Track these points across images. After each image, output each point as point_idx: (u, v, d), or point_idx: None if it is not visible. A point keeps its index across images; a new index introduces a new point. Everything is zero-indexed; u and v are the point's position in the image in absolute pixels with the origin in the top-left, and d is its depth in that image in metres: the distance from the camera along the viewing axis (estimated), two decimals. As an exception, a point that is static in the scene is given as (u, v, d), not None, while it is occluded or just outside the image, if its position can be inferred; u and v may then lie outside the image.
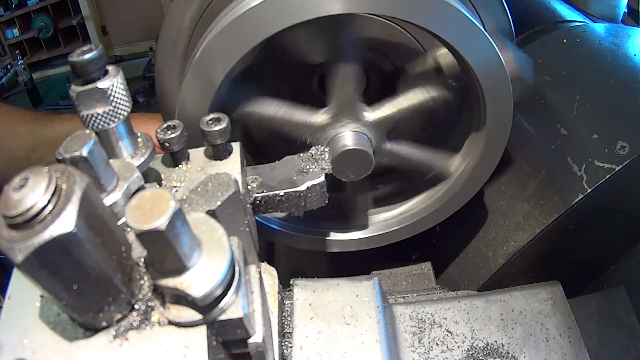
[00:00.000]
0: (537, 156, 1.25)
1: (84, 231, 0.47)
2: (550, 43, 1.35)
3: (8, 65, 5.91)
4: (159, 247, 0.48)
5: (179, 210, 0.48)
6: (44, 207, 0.45)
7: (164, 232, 0.46)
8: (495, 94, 1.03)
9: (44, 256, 0.45)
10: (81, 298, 0.51)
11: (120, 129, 0.69)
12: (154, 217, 0.46)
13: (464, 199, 1.22)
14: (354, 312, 0.85)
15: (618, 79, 1.21)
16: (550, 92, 1.27)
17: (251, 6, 0.89)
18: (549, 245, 1.22)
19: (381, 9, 0.93)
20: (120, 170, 0.65)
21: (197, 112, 0.97)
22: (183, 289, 0.51)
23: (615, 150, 1.10)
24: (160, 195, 0.48)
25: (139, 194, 0.49)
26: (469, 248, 1.37)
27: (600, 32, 1.35)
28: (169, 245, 0.48)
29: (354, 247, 1.30)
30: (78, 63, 0.63)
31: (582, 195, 1.11)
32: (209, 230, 0.56)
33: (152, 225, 0.46)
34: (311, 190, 0.90)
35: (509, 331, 1.01)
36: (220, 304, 0.55)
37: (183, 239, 0.50)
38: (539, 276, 1.23)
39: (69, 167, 0.50)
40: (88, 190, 0.48)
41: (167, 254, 0.50)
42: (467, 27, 0.94)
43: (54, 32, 5.93)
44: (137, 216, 0.47)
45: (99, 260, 0.49)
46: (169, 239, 0.47)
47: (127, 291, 0.55)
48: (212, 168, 0.79)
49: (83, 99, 0.65)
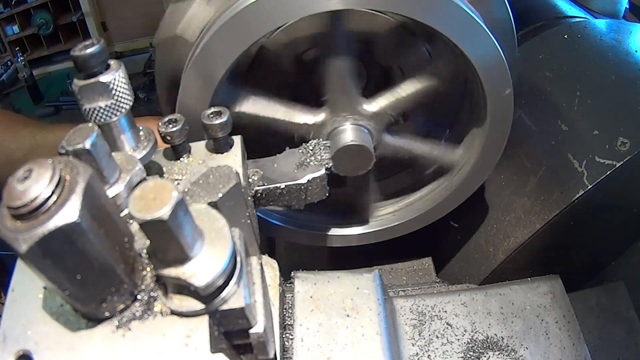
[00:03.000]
0: (538, 152, 1.25)
1: (87, 221, 0.47)
2: (551, 39, 1.35)
3: (8, 62, 5.91)
4: (161, 236, 0.49)
5: (181, 200, 0.48)
6: (48, 198, 0.46)
7: (166, 222, 0.47)
8: (496, 89, 1.03)
9: (47, 246, 0.45)
10: (84, 288, 0.51)
11: (122, 122, 0.70)
12: (157, 207, 0.46)
13: (465, 195, 1.22)
14: (355, 304, 0.85)
15: (619, 75, 1.21)
16: (551, 88, 1.27)
17: (251, 2, 0.89)
18: (550, 241, 1.22)
19: (380, 5, 0.93)
20: (123, 163, 0.65)
21: (197, 108, 0.98)
22: (185, 279, 0.51)
23: (616, 146, 1.10)
24: (162, 186, 0.48)
25: (142, 184, 0.49)
26: (469, 243, 1.37)
27: (602, 28, 1.35)
28: (172, 235, 0.48)
29: (354, 242, 1.31)
30: (80, 57, 0.63)
31: (583, 191, 1.11)
32: (211, 221, 0.56)
33: (155, 214, 0.46)
34: (312, 183, 0.91)
35: (508, 324, 1.01)
36: (222, 294, 0.55)
37: (185, 229, 0.50)
38: (539, 272, 1.23)
39: (72, 159, 0.50)
40: (91, 181, 0.49)
41: (169, 244, 0.50)
42: (467, 22, 0.94)
43: (54, 29, 5.93)
44: (140, 206, 0.47)
45: (102, 250, 0.50)
46: (171, 228, 0.48)
47: (129, 281, 0.55)
48: (213, 161, 0.80)
49: (85, 93, 0.66)
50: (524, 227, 1.22)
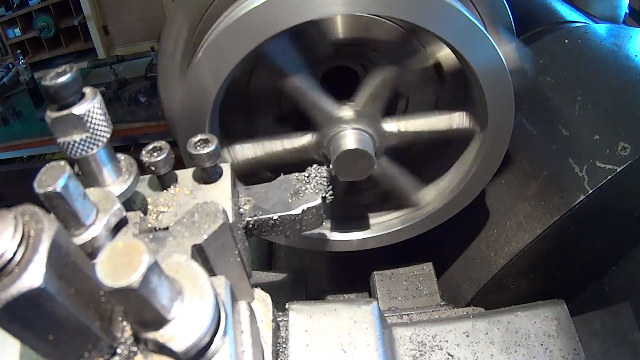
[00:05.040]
0: (539, 157, 1.25)
1: (54, 284, 0.43)
2: (552, 44, 1.34)
3: (10, 65, 5.89)
4: (134, 303, 0.45)
5: (154, 264, 0.44)
6: (11, 259, 0.42)
7: (137, 290, 0.43)
8: (497, 94, 1.03)
9: (13, 311, 0.42)
10: (58, 348, 0.47)
11: (101, 155, 0.64)
12: (126, 274, 0.42)
13: (466, 200, 1.22)
14: (352, 339, 0.81)
15: (619, 79, 1.20)
16: (551, 92, 1.26)
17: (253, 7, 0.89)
18: (550, 245, 1.21)
19: (382, 10, 0.93)
20: (100, 202, 0.60)
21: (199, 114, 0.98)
22: (164, 342, 0.48)
23: (616, 151, 1.09)
24: (133, 248, 0.44)
25: (110, 245, 0.45)
26: (470, 248, 1.37)
27: (602, 33, 1.35)
28: (145, 302, 0.45)
29: (355, 247, 1.30)
30: (51, 88, 0.58)
31: (584, 196, 1.10)
32: (191, 277, 0.52)
33: (124, 282, 0.42)
34: (307, 213, 0.85)
35: (512, 354, 0.98)
36: (207, 354, 0.51)
37: (160, 292, 0.46)
38: (540, 277, 1.23)
39: (37, 210, 0.46)
40: (57, 237, 0.45)
41: (144, 310, 0.46)
42: (468, 28, 0.94)
43: (56, 32, 5.91)
44: (109, 271, 0.43)
45: (74, 310, 0.46)
46: (143, 295, 0.44)
47: (107, 337, 0.51)
48: (201, 192, 0.75)
49: (59, 126, 0.60)
50: (525, 232, 1.21)
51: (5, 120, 4.88)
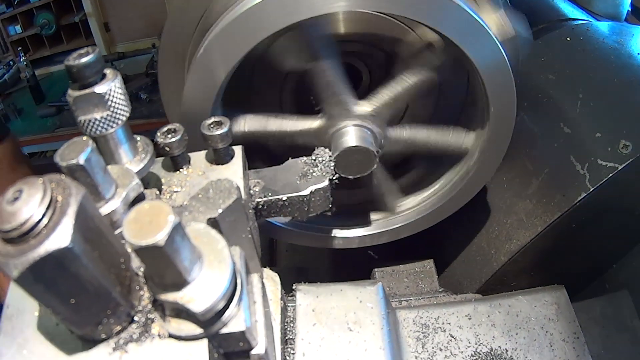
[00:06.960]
0: (540, 154, 1.24)
1: (80, 245, 0.45)
2: (554, 41, 1.34)
3: (10, 62, 5.89)
4: (158, 262, 0.47)
5: (178, 225, 0.46)
6: (39, 221, 0.44)
7: (163, 248, 0.45)
8: (498, 90, 1.02)
9: (39, 271, 0.44)
10: (79, 312, 0.50)
11: (119, 134, 0.68)
12: (153, 232, 0.45)
13: (467, 197, 1.21)
14: (357, 318, 0.84)
15: (621, 77, 1.20)
16: (553, 90, 1.26)
17: (254, 4, 0.88)
18: (552, 243, 1.21)
19: (384, 6, 0.92)
20: (119, 177, 0.63)
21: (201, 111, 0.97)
22: (183, 304, 0.50)
23: (618, 149, 1.09)
24: (159, 209, 0.46)
25: (137, 206, 0.47)
26: (471, 246, 1.37)
27: (604, 31, 1.34)
28: (169, 260, 0.47)
29: (356, 244, 1.30)
30: (74, 67, 0.61)
31: (585, 193, 1.10)
32: (210, 242, 0.54)
33: (151, 240, 0.44)
34: (315, 194, 0.89)
35: (513, 336, 1.00)
36: (222, 318, 0.53)
37: (183, 253, 0.48)
38: (541, 274, 1.22)
39: (65, 177, 0.48)
40: (84, 202, 0.47)
41: (166, 269, 0.48)
42: (470, 24, 0.93)
43: (57, 29, 5.91)
44: (135, 231, 0.45)
45: (97, 273, 0.48)
46: (168, 254, 0.46)
47: (126, 303, 0.54)
48: (213, 172, 0.78)
49: (80, 104, 0.64)
50: (526, 230, 1.21)
51: (6, 117, 4.88)
